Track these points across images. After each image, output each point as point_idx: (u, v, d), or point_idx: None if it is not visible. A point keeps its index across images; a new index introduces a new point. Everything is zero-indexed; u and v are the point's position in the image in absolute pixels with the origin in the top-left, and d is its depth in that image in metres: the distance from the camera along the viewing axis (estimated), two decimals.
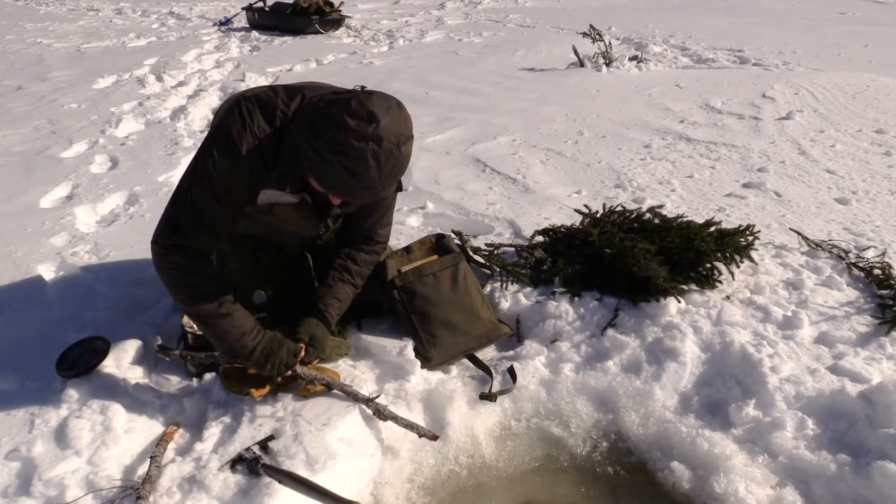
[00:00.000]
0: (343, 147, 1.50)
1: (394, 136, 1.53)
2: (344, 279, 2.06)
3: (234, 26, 10.78)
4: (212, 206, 1.74)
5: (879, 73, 6.30)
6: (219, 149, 1.71)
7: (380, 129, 1.50)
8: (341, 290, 2.05)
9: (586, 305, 2.36)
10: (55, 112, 5.37)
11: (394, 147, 1.53)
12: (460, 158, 4.18)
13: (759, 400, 1.93)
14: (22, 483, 1.64)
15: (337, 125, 1.50)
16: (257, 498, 1.56)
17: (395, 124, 1.53)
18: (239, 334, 1.79)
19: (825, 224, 3.08)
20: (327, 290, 2.04)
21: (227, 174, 1.71)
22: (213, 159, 1.71)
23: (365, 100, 1.52)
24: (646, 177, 3.74)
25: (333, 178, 1.58)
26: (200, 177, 1.73)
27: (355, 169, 1.53)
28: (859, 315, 2.32)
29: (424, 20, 11.32)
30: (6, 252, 2.85)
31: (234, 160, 1.69)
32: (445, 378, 2.14)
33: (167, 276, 1.79)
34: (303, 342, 1.93)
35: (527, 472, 1.88)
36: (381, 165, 1.53)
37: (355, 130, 1.49)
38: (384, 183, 1.59)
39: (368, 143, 1.50)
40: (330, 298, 2.03)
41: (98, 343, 2.06)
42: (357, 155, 1.51)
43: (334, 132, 1.51)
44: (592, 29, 6.82)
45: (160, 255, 1.79)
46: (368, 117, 1.49)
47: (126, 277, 2.64)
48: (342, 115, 1.50)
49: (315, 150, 1.54)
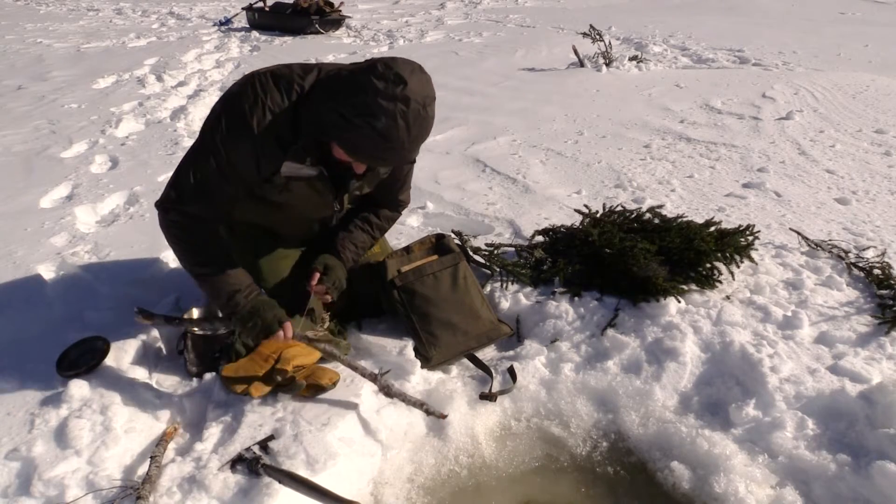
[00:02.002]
0: (372, 109, 1.52)
1: (420, 97, 1.54)
2: (364, 228, 2.13)
3: (234, 26, 10.79)
4: (218, 183, 1.78)
5: (879, 73, 6.30)
6: (229, 124, 1.72)
7: (407, 90, 1.51)
8: (359, 236, 2.11)
9: (586, 305, 2.36)
10: (55, 112, 5.37)
11: (420, 108, 1.55)
12: (460, 158, 4.18)
13: (759, 400, 1.93)
14: (22, 483, 1.64)
15: (364, 89, 1.52)
16: (257, 498, 1.56)
17: (421, 86, 1.55)
18: (232, 291, 1.82)
19: (825, 224, 3.08)
20: (346, 234, 2.09)
21: (239, 153, 1.73)
22: (223, 134, 1.73)
23: (390, 63, 1.54)
24: (646, 177, 3.74)
25: (362, 143, 1.59)
26: (207, 150, 1.76)
27: (385, 131, 1.54)
28: (859, 315, 2.32)
29: (424, 20, 11.32)
30: (6, 252, 2.85)
31: (245, 137, 1.70)
32: (445, 378, 2.14)
33: (167, 233, 1.87)
34: (317, 270, 1.98)
35: (527, 472, 1.88)
36: (409, 126, 1.55)
37: (383, 92, 1.51)
38: (412, 144, 1.60)
39: (397, 104, 1.51)
40: (347, 241, 2.08)
41: (98, 343, 2.06)
42: (387, 115, 1.52)
43: (362, 96, 1.52)
44: (592, 29, 6.82)
45: (161, 215, 1.86)
46: (396, 79, 1.51)
47: (126, 277, 2.64)
48: (368, 77, 1.52)
49: (342, 116, 1.56)
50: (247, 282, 1.86)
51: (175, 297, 2.46)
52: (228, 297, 1.83)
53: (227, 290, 1.82)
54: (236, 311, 1.84)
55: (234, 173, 1.77)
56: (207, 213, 1.84)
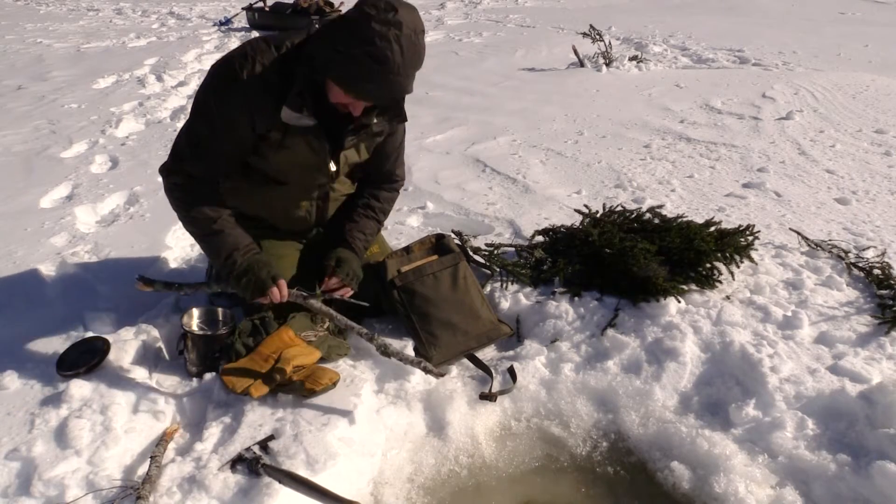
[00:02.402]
0: (367, 34, 1.59)
1: (411, 24, 1.63)
2: (368, 215, 2.20)
3: (234, 26, 10.79)
4: (212, 138, 1.85)
5: (879, 73, 6.30)
6: (220, 81, 1.82)
7: (399, 16, 1.60)
8: (367, 224, 2.19)
9: (586, 305, 2.36)
10: (55, 112, 5.37)
11: (412, 33, 1.63)
12: (460, 158, 4.18)
13: (759, 400, 1.93)
14: (22, 483, 1.64)
15: (358, 20, 1.61)
16: (257, 498, 1.56)
17: (412, 16, 1.65)
18: (230, 250, 1.89)
19: (825, 224, 3.08)
20: (353, 225, 2.17)
21: (229, 103, 1.80)
22: (215, 90, 1.83)
23: None
24: (646, 177, 3.74)
25: (359, 72, 1.65)
26: (201, 108, 1.85)
27: (380, 55, 1.61)
28: (859, 315, 2.31)
29: (424, 20, 11.31)
30: (6, 252, 2.85)
31: (236, 89, 1.78)
32: (445, 378, 2.13)
33: (170, 196, 1.94)
34: (329, 265, 2.06)
35: (527, 472, 1.88)
36: (403, 50, 1.62)
37: (377, 17, 1.59)
38: (406, 70, 1.66)
39: (390, 28, 1.60)
40: (356, 232, 2.16)
41: (98, 343, 2.06)
42: (381, 38, 1.59)
43: (355, 25, 1.61)
44: (592, 29, 6.83)
45: (164, 178, 1.94)
46: (387, 6, 1.60)
47: (126, 277, 2.64)
48: (361, 9, 1.61)
49: (338, 50, 1.65)
50: (245, 241, 1.92)
51: (175, 296, 2.45)
52: (226, 255, 1.89)
53: (226, 250, 1.88)
54: (233, 270, 1.89)
55: (229, 127, 1.83)
56: (206, 172, 1.91)
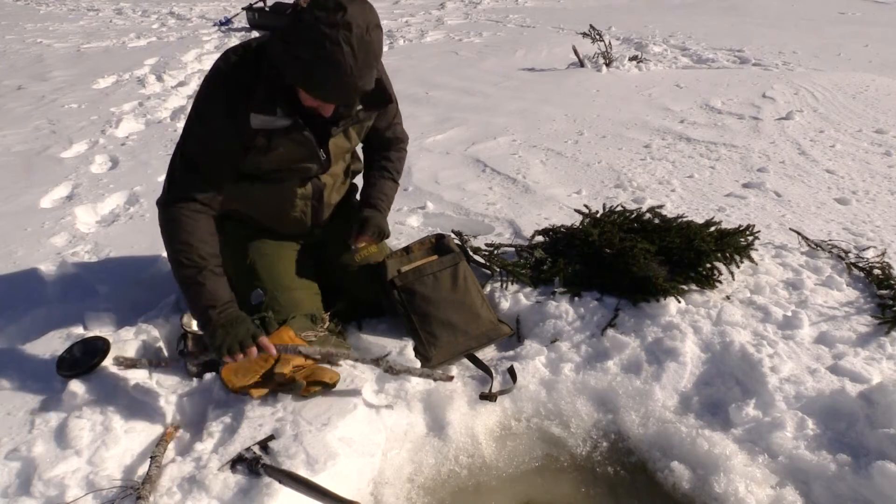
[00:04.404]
0: (315, 38, 1.58)
1: (362, 21, 1.60)
2: (384, 176, 2.28)
3: (234, 26, 10.78)
4: (201, 150, 1.85)
5: (879, 73, 6.30)
6: (202, 95, 1.85)
7: (347, 16, 1.57)
8: (385, 185, 2.27)
9: (586, 305, 2.36)
10: (55, 112, 5.37)
11: (363, 32, 1.60)
12: (460, 158, 4.18)
13: (759, 400, 1.93)
14: (22, 483, 1.64)
15: (307, 23, 1.58)
16: (257, 498, 1.56)
17: (362, 12, 1.60)
18: (207, 304, 1.78)
19: (825, 224, 3.08)
20: (373, 188, 2.25)
21: (213, 115, 1.81)
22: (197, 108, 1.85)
23: None
24: (646, 177, 3.74)
25: (315, 77, 1.65)
26: (190, 127, 1.86)
27: (331, 58, 1.59)
28: (859, 315, 2.31)
29: (424, 20, 11.32)
30: (6, 252, 2.85)
31: (215, 99, 1.80)
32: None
33: (163, 229, 1.87)
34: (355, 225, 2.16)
35: (527, 472, 1.88)
36: (354, 51, 1.59)
37: (324, 19, 1.57)
38: (360, 70, 1.64)
39: (339, 30, 1.57)
40: (377, 193, 2.24)
41: (98, 343, 2.06)
42: (330, 41, 1.57)
43: (305, 29, 1.59)
44: (592, 29, 6.82)
45: (160, 210, 1.88)
46: (335, 7, 1.57)
47: (126, 277, 2.64)
48: (311, 11, 1.58)
49: (293, 55, 1.63)
50: (225, 298, 1.81)
51: (175, 296, 2.45)
52: (202, 310, 1.78)
53: (203, 303, 1.78)
54: (206, 327, 1.80)
55: (216, 139, 1.83)
56: (208, 193, 1.87)
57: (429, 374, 1.91)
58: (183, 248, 1.80)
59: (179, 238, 1.81)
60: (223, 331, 1.77)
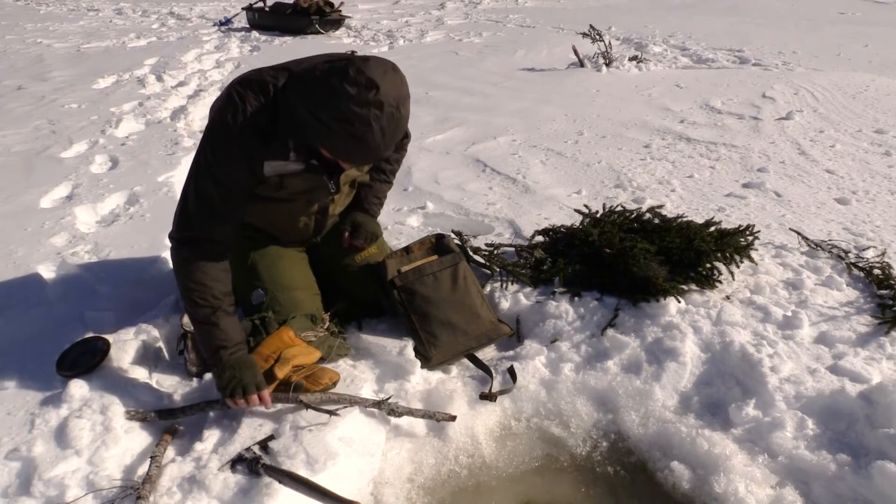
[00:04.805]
0: (346, 115, 1.54)
1: (393, 99, 1.56)
2: (381, 179, 2.30)
3: (234, 26, 10.79)
4: (219, 195, 1.80)
5: (879, 73, 6.30)
6: (216, 137, 1.77)
7: (380, 95, 1.53)
8: (381, 188, 2.31)
9: (586, 305, 2.36)
10: (55, 112, 5.37)
11: (394, 110, 1.58)
12: (460, 158, 4.18)
13: (759, 400, 1.93)
14: (22, 483, 1.64)
15: (337, 94, 1.54)
16: (257, 498, 1.56)
17: (394, 88, 1.57)
18: (219, 345, 1.81)
19: (825, 224, 3.08)
20: (368, 191, 2.27)
21: (229, 161, 1.76)
22: (212, 147, 1.77)
23: (362, 67, 1.54)
24: (646, 177, 3.74)
25: (338, 145, 1.64)
26: (203, 167, 1.79)
27: (359, 135, 1.57)
28: (859, 315, 2.31)
29: (424, 20, 11.32)
30: (6, 252, 2.85)
31: (231, 142, 1.74)
32: (445, 378, 2.14)
33: (175, 273, 1.86)
34: (345, 230, 2.19)
35: (527, 472, 1.88)
36: (383, 129, 1.58)
37: (356, 98, 1.53)
38: (387, 144, 1.64)
39: (371, 110, 1.54)
40: (371, 197, 2.27)
41: (98, 343, 2.06)
42: (360, 121, 1.55)
43: (335, 101, 1.54)
44: (592, 29, 6.82)
45: (173, 251, 1.87)
46: (368, 84, 1.52)
47: (126, 277, 2.64)
48: (342, 84, 1.53)
49: (318, 119, 1.59)
50: (236, 339, 1.84)
51: (175, 296, 2.45)
52: (214, 350, 1.81)
53: (215, 344, 1.81)
54: (216, 365, 1.82)
55: (232, 182, 1.79)
56: (224, 231, 1.85)
57: (431, 414, 1.90)
58: (197, 288, 1.81)
59: (194, 278, 1.81)
60: (230, 373, 1.79)
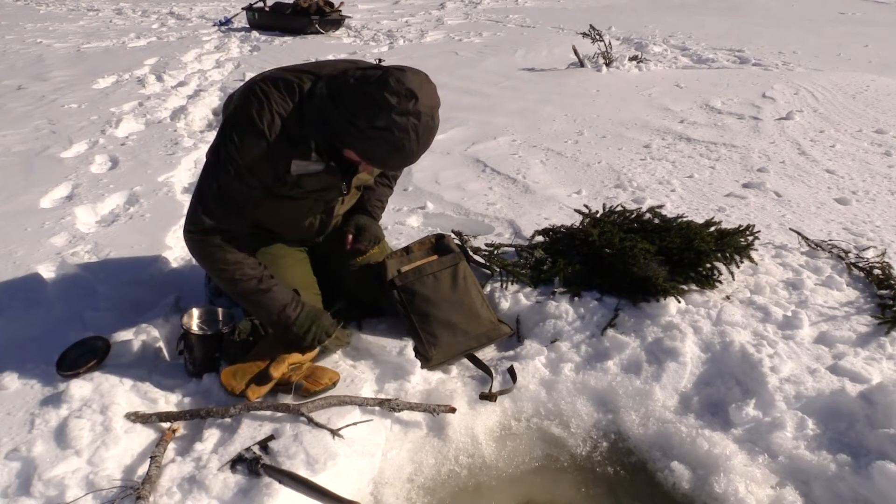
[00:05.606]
0: (387, 124, 1.61)
1: (429, 108, 1.65)
2: (383, 182, 2.34)
3: (234, 26, 10.79)
4: (240, 190, 1.82)
5: (879, 73, 6.30)
6: (242, 133, 1.77)
7: (419, 105, 1.61)
8: (383, 192, 2.34)
9: (586, 305, 2.36)
10: (55, 112, 5.37)
11: (429, 119, 1.66)
12: (460, 158, 4.18)
13: (759, 400, 1.93)
14: (22, 483, 1.64)
15: (379, 104, 1.61)
16: (257, 498, 1.56)
17: (430, 97, 1.66)
18: (281, 306, 1.91)
19: (825, 224, 3.08)
20: (371, 194, 2.30)
21: (254, 157, 1.78)
22: (236, 144, 1.77)
23: (401, 77, 1.61)
24: (646, 177, 3.74)
25: (376, 152, 1.71)
26: (226, 163, 1.79)
27: (398, 143, 1.65)
28: (859, 315, 2.31)
29: (424, 20, 11.32)
30: (6, 252, 2.85)
31: (260, 143, 1.76)
32: (445, 378, 2.14)
33: (206, 263, 1.91)
34: (349, 233, 2.21)
35: (527, 472, 1.88)
36: (419, 137, 1.66)
37: (397, 108, 1.60)
38: (421, 151, 1.72)
39: (409, 119, 1.62)
40: (374, 200, 2.30)
41: (98, 343, 2.06)
42: (400, 130, 1.62)
43: (376, 110, 1.61)
44: (592, 29, 6.82)
45: (196, 243, 1.89)
46: (408, 94, 1.60)
47: (126, 277, 2.64)
48: (382, 93, 1.60)
49: (357, 127, 1.65)
50: (291, 294, 1.94)
51: (175, 296, 2.46)
52: (279, 312, 1.90)
53: (277, 307, 1.90)
54: (290, 325, 1.91)
55: (253, 177, 1.81)
56: (244, 224, 1.90)
57: (431, 408, 1.92)
58: (233, 268, 1.87)
59: (228, 260, 1.87)
60: (307, 324, 1.93)
